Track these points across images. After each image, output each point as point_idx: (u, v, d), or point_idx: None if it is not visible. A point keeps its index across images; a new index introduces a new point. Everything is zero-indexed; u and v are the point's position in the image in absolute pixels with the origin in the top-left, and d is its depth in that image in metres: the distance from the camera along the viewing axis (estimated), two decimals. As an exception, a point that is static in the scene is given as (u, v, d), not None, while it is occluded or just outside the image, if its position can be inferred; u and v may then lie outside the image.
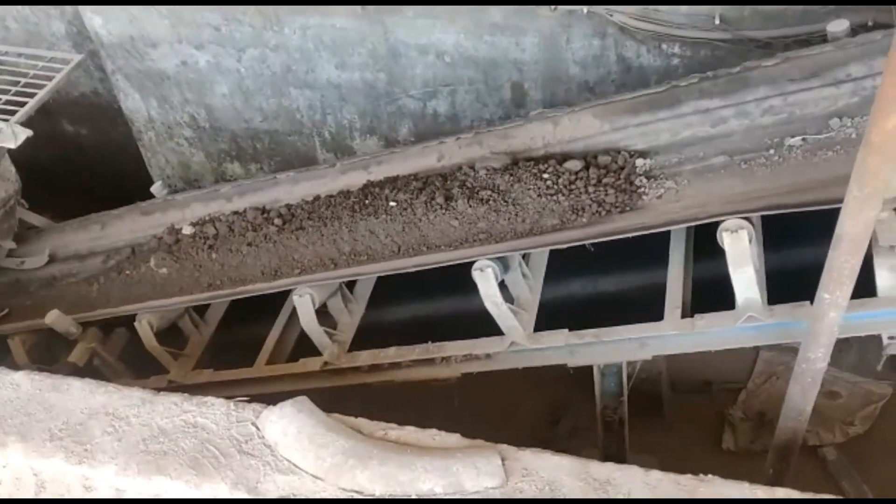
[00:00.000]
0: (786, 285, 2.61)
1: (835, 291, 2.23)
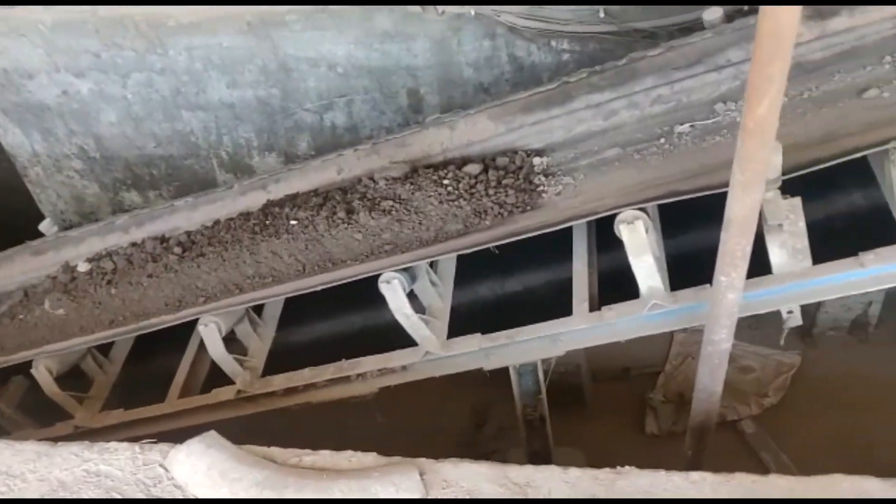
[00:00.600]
0: (694, 268, 2.66)
1: (730, 273, 2.27)
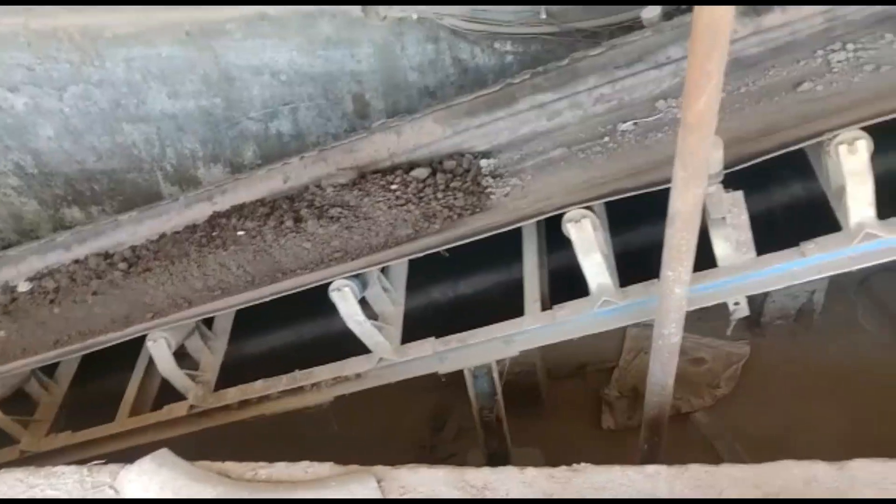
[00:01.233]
0: (644, 264, 2.69)
1: (676, 268, 2.30)
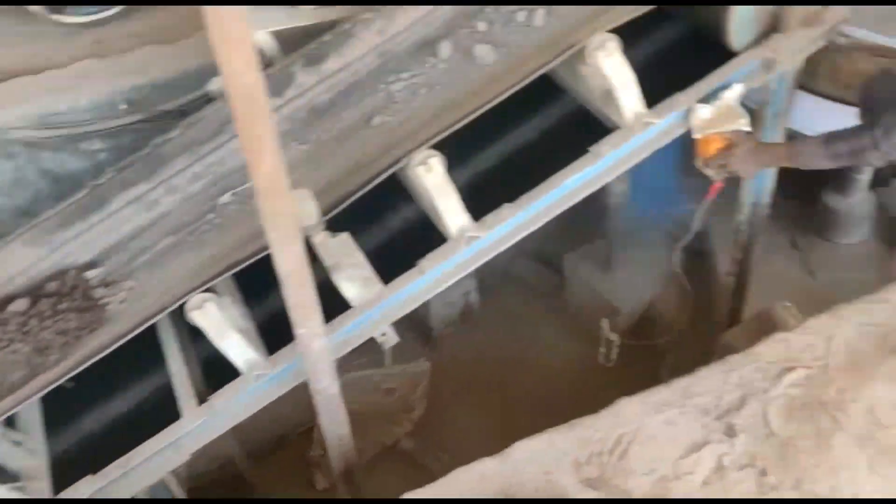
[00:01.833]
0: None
1: (307, 323, 2.32)
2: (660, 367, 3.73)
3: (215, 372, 2.71)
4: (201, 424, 2.62)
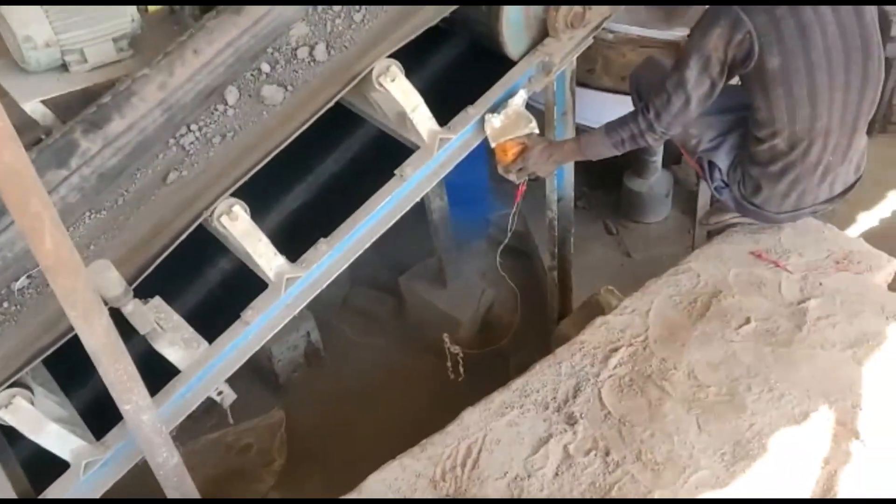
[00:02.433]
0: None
1: (131, 399, 2.19)
2: (509, 369, 3.82)
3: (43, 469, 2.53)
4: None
